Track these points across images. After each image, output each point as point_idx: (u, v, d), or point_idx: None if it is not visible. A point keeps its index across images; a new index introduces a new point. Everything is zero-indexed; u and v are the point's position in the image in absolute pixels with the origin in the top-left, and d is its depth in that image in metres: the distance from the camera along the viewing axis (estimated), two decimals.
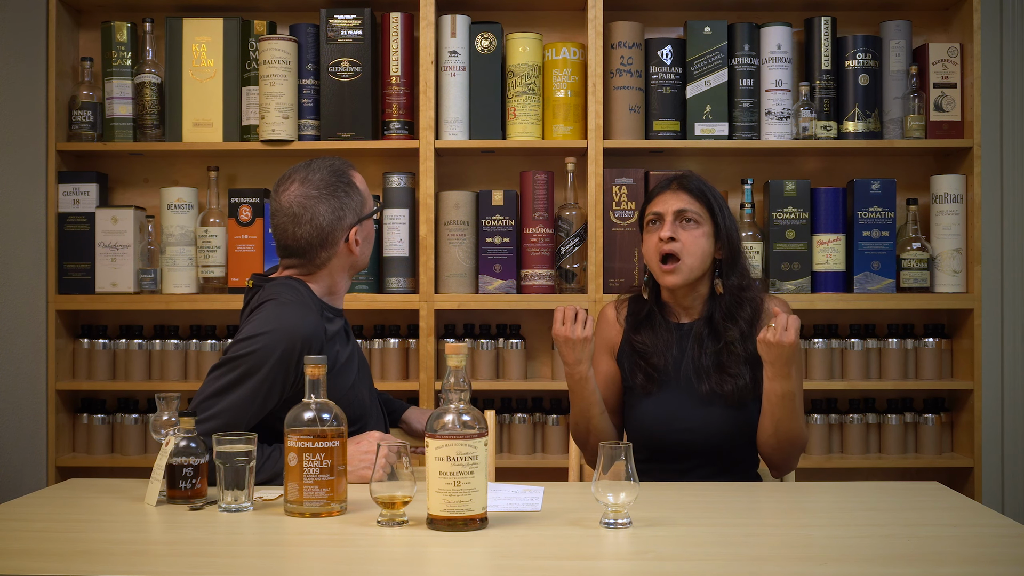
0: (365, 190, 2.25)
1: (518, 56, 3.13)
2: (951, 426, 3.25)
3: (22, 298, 3.04)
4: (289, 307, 2.10)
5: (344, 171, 2.22)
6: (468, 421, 1.68)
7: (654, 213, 2.25)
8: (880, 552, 1.58)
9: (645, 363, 2.23)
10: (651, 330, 2.26)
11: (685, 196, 2.24)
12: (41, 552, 1.61)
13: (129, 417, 3.20)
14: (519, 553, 1.59)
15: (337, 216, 2.18)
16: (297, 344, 2.05)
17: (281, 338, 2.04)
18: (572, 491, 2.07)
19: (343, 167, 2.23)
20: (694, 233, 2.21)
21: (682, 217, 2.22)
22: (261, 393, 2.04)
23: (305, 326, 2.07)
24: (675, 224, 2.21)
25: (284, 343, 2.04)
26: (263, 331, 2.05)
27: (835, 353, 3.21)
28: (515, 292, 3.13)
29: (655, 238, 2.22)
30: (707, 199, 2.24)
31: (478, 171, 3.33)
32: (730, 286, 2.24)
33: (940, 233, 3.15)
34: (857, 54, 3.15)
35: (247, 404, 2.04)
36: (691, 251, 2.20)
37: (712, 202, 2.24)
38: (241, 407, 2.03)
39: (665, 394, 2.23)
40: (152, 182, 3.34)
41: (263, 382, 2.03)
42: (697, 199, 2.24)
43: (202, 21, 3.18)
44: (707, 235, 2.22)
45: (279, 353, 2.03)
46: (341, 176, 2.20)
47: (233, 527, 1.75)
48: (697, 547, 1.63)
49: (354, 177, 2.24)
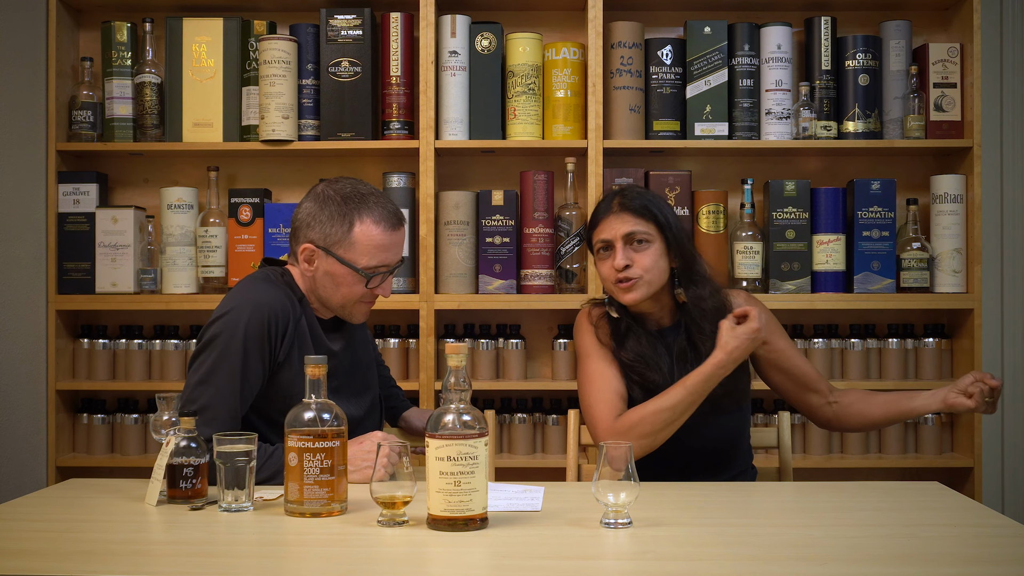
0: (362, 244, 2.11)
1: (518, 56, 3.13)
2: (951, 426, 3.25)
3: (22, 298, 3.04)
4: (254, 283, 2.13)
5: (356, 207, 2.12)
6: (468, 421, 1.68)
7: (602, 240, 2.22)
8: (880, 552, 1.58)
9: (641, 378, 2.22)
10: (636, 341, 2.25)
11: (630, 217, 2.19)
12: (41, 552, 1.61)
13: (129, 417, 3.20)
14: (519, 553, 1.59)
15: (307, 223, 2.15)
16: (264, 313, 2.06)
17: (244, 311, 2.06)
18: (572, 491, 2.07)
19: (360, 204, 2.12)
20: (647, 253, 2.19)
21: (632, 240, 2.19)
22: (239, 372, 2.04)
23: (269, 298, 2.08)
24: (626, 249, 2.18)
25: (248, 314, 2.05)
26: (227, 309, 2.08)
27: (835, 353, 3.21)
28: (515, 292, 3.13)
29: (609, 266, 2.21)
30: (652, 214, 2.20)
31: (478, 171, 3.33)
32: (691, 296, 2.23)
33: (940, 233, 3.15)
34: (857, 54, 3.15)
35: (232, 386, 2.04)
36: (648, 269, 2.18)
37: (658, 216, 2.21)
38: (228, 392, 2.04)
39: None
40: (152, 182, 3.34)
41: (240, 359, 2.04)
42: (643, 217, 2.20)
43: (202, 21, 3.18)
44: (660, 251, 2.20)
45: (245, 326, 2.05)
46: (347, 205, 2.13)
47: (233, 527, 1.75)
48: (697, 547, 1.63)
49: (359, 221, 2.11)
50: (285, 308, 2.11)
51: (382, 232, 2.13)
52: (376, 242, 2.13)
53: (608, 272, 2.22)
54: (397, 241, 2.16)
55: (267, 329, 2.07)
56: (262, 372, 2.09)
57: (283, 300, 2.12)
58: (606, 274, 2.23)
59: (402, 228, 2.18)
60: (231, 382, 2.04)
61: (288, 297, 2.14)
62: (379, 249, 2.13)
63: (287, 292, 2.15)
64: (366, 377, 2.32)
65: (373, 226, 2.12)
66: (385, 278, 2.17)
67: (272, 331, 2.08)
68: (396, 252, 2.17)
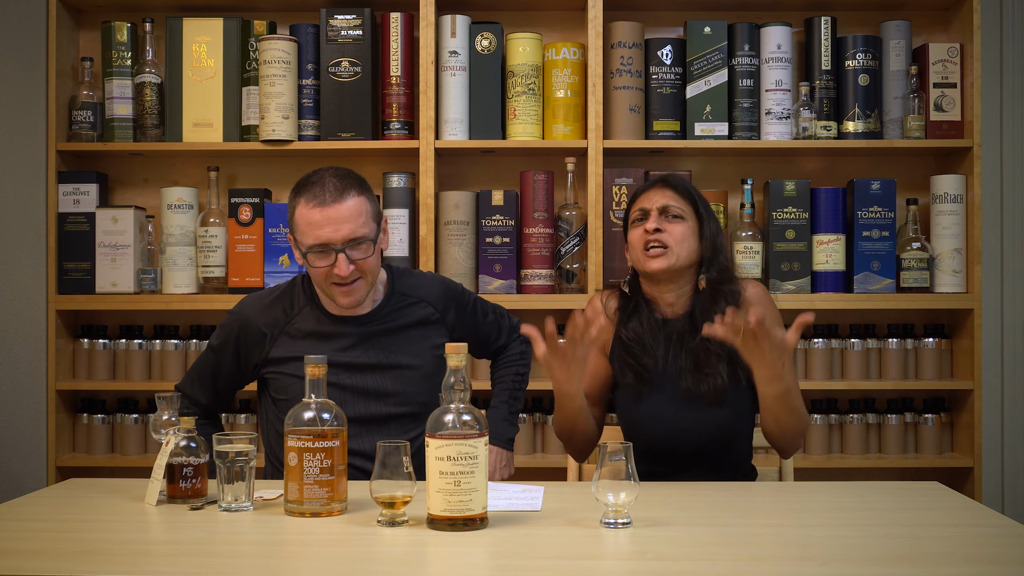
0: (299, 225, 2.16)
1: (518, 56, 3.13)
2: (951, 426, 3.25)
3: (22, 298, 3.04)
4: (252, 295, 2.35)
5: (299, 188, 2.19)
6: (468, 421, 1.68)
7: (640, 210, 2.26)
8: (880, 552, 1.58)
9: (636, 362, 2.23)
10: (639, 323, 2.26)
11: (670, 192, 2.25)
12: (41, 552, 1.61)
13: (129, 417, 3.20)
14: (519, 553, 1.59)
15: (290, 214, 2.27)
16: (237, 323, 2.29)
17: (230, 318, 2.31)
18: (572, 491, 2.07)
19: (302, 185, 2.19)
20: (679, 227, 2.22)
21: (667, 212, 2.23)
22: (211, 362, 2.32)
23: (246, 311, 2.29)
24: (661, 218, 2.22)
25: (230, 322, 2.30)
26: (228, 312, 2.34)
27: (835, 353, 3.21)
28: (515, 292, 3.13)
29: (640, 230, 2.23)
30: (691, 196, 2.27)
31: (478, 171, 3.33)
32: (710, 280, 2.25)
33: (940, 233, 3.15)
34: (857, 54, 3.15)
35: (204, 364, 2.33)
36: (678, 240, 2.21)
37: (697, 200, 2.27)
38: (200, 363, 2.34)
39: (656, 395, 2.22)
40: (152, 182, 3.34)
41: (214, 351, 2.32)
42: (682, 196, 2.26)
43: (202, 21, 3.18)
44: (692, 231, 2.23)
45: (226, 329, 2.30)
46: (296, 189, 2.20)
47: (233, 527, 1.75)
48: (697, 547, 1.63)
49: (297, 203, 2.17)
50: (256, 322, 2.27)
51: (311, 210, 2.15)
52: (306, 220, 2.15)
53: (638, 238, 2.23)
54: (331, 217, 2.13)
55: (235, 335, 2.29)
56: (229, 371, 2.32)
57: (258, 311, 2.28)
58: (636, 240, 2.24)
59: (337, 204, 2.13)
60: (202, 364, 2.35)
61: (267, 306, 2.28)
62: (311, 227, 2.14)
63: (273, 303, 2.28)
64: (397, 380, 2.27)
65: (304, 206, 2.16)
66: (332, 257, 2.14)
67: (241, 338, 2.28)
68: (334, 228, 2.13)
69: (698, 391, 2.17)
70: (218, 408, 2.38)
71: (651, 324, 2.26)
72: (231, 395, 2.40)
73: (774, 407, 2.10)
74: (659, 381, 2.22)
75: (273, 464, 2.30)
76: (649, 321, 2.26)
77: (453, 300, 2.38)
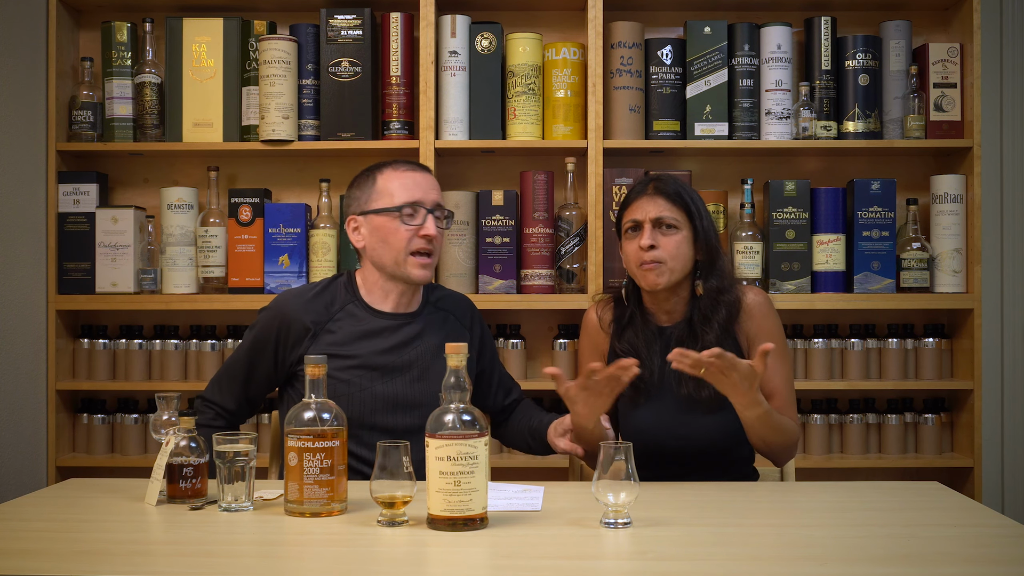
0: (387, 188, 2.23)
1: (518, 56, 3.13)
2: (951, 426, 3.25)
3: (22, 298, 3.04)
4: (291, 290, 2.32)
5: (377, 167, 2.28)
6: (468, 421, 1.68)
7: (632, 220, 2.24)
8: (880, 552, 1.59)
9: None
10: (634, 334, 2.25)
11: (662, 201, 2.21)
12: (41, 552, 1.61)
13: (129, 417, 3.20)
14: (519, 553, 1.59)
15: (348, 205, 2.32)
16: (277, 320, 2.24)
17: (269, 314, 2.26)
18: (572, 491, 2.07)
19: (380, 164, 2.28)
20: (674, 239, 2.20)
21: (661, 224, 2.20)
22: (244, 364, 2.26)
23: (287, 305, 2.25)
24: (654, 231, 2.20)
25: (268, 317, 2.25)
26: (263, 309, 2.29)
27: (835, 353, 3.21)
28: (515, 292, 3.13)
29: (635, 246, 2.22)
30: (684, 202, 2.22)
31: (478, 171, 3.33)
32: (709, 288, 2.23)
33: (940, 233, 3.15)
34: (857, 54, 3.15)
35: (236, 365, 2.27)
36: (673, 256, 2.19)
37: (690, 205, 2.23)
38: (231, 366, 2.28)
39: (654, 403, 2.22)
40: (152, 182, 3.34)
41: (250, 351, 2.25)
42: (675, 203, 2.21)
43: (202, 21, 3.18)
44: (687, 239, 2.21)
45: (264, 327, 2.25)
46: (370, 170, 2.29)
47: (233, 527, 1.75)
48: (697, 547, 1.63)
49: (380, 173, 2.26)
50: (299, 318, 2.22)
51: (402, 173, 2.24)
52: (399, 182, 2.23)
53: (633, 253, 2.22)
54: (422, 181, 2.24)
55: (276, 332, 2.24)
56: (267, 370, 2.26)
57: (300, 307, 2.24)
58: (631, 254, 2.23)
59: (426, 172, 2.28)
60: (235, 363, 2.29)
61: (309, 302, 2.24)
62: (403, 188, 2.22)
63: (316, 300, 2.25)
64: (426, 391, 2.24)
65: (391, 171, 2.25)
66: (424, 216, 2.20)
67: (283, 334, 2.23)
68: (425, 190, 2.23)
69: (699, 397, 2.16)
70: (245, 416, 2.32)
71: (647, 335, 2.25)
72: (260, 400, 2.33)
73: (757, 427, 2.11)
74: (656, 391, 2.22)
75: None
76: (645, 332, 2.25)
77: (477, 321, 2.42)
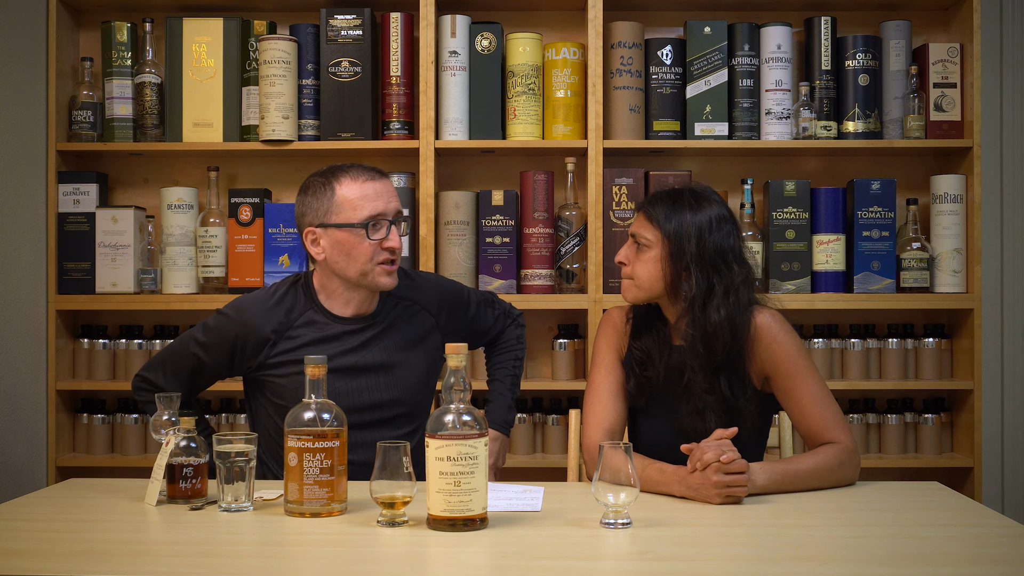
0: (347, 200, 2.15)
1: (518, 56, 3.13)
2: (951, 426, 3.25)
3: (22, 298, 3.04)
4: (251, 297, 2.28)
5: (332, 174, 2.19)
6: (468, 421, 1.68)
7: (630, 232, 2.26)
8: (880, 552, 1.59)
9: (639, 372, 2.21)
10: (649, 338, 2.24)
11: (642, 219, 2.20)
12: (41, 552, 1.61)
13: (129, 417, 3.20)
14: (519, 553, 1.59)
15: (302, 213, 2.24)
16: (236, 328, 2.22)
17: (227, 321, 2.23)
18: (572, 491, 2.07)
19: (335, 171, 2.20)
20: (642, 256, 2.16)
21: (636, 240, 2.20)
22: (193, 359, 2.25)
23: (248, 313, 2.22)
24: (630, 248, 2.20)
25: (227, 324, 2.23)
26: (220, 312, 2.26)
27: (835, 353, 3.21)
28: (515, 292, 3.13)
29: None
30: (658, 222, 2.14)
31: (478, 171, 3.33)
32: (689, 336, 2.13)
33: (940, 233, 3.15)
34: (857, 54, 3.15)
35: (184, 358, 2.25)
36: (638, 274, 2.16)
37: (664, 225, 2.14)
38: (179, 355, 2.26)
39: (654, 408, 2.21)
40: (152, 182, 3.34)
41: (202, 350, 2.24)
42: (649, 221, 2.16)
43: (202, 21, 3.18)
44: (656, 259, 2.14)
45: (221, 331, 2.23)
46: (324, 177, 2.20)
47: (233, 527, 1.75)
48: (697, 547, 1.63)
49: (337, 183, 2.17)
50: (257, 330, 2.21)
51: (361, 184, 2.17)
52: (359, 193, 2.16)
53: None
54: (382, 190, 2.19)
55: (231, 339, 2.22)
56: (213, 369, 2.26)
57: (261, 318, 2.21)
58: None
59: (385, 179, 2.21)
60: (180, 350, 2.27)
61: (269, 312, 2.22)
62: (364, 199, 2.16)
63: (276, 308, 2.23)
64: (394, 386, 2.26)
65: (351, 182, 2.17)
66: (388, 228, 2.17)
67: (239, 343, 2.22)
68: (386, 200, 2.18)
69: (690, 426, 2.13)
70: (188, 401, 2.29)
71: (658, 342, 2.24)
72: (203, 390, 2.35)
73: (804, 487, 2.03)
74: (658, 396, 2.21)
75: (266, 464, 2.26)
76: (657, 339, 2.24)
77: (447, 304, 2.37)
